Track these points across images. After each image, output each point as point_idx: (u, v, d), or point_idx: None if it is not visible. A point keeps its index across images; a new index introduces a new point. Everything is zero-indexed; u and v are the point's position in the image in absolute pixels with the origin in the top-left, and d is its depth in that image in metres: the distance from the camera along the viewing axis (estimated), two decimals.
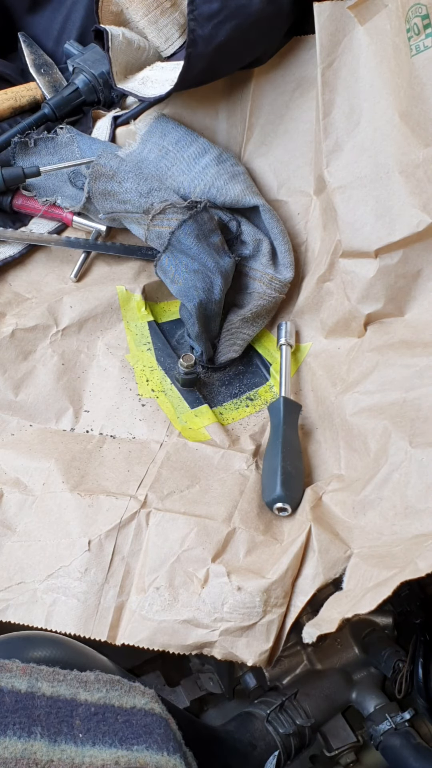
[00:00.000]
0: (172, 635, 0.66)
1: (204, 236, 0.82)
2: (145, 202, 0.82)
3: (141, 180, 0.82)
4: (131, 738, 0.54)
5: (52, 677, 0.55)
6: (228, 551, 0.70)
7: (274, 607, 0.66)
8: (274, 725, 0.70)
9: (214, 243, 0.83)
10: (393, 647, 0.73)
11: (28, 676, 0.54)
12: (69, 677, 0.56)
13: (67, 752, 0.52)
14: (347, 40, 0.75)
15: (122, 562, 0.69)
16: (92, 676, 0.57)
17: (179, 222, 0.81)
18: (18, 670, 0.54)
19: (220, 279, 0.82)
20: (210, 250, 0.82)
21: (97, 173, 0.83)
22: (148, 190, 0.82)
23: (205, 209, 0.81)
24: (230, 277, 0.84)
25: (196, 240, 0.82)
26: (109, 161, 0.83)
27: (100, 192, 0.84)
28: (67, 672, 0.56)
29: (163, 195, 0.82)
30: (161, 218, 0.82)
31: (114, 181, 0.82)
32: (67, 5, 1.02)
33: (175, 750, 0.55)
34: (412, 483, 0.67)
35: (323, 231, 0.86)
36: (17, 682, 0.53)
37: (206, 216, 0.82)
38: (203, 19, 0.76)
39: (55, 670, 0.56)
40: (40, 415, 0.81)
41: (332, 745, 0.72)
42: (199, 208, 0.81)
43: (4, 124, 0.93)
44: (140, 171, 0.83)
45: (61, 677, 0.55)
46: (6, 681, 0.53)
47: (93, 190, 0.84)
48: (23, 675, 0.54)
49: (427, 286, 0.76)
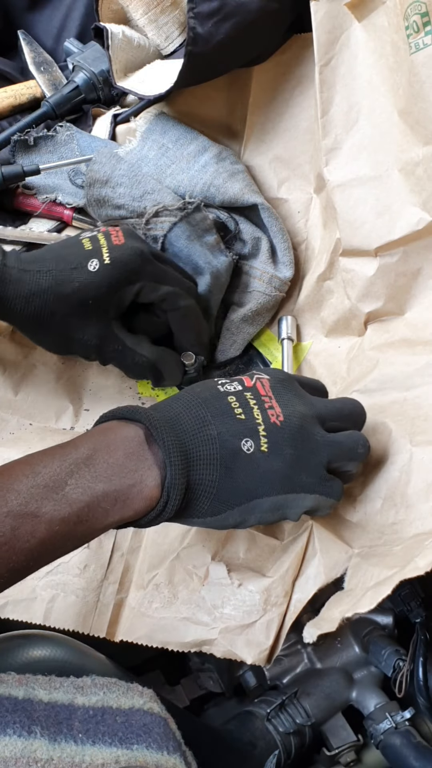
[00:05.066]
0: (171, 632, 0.66)
1: (197, 237, 0.82)
2: (139, 206, 0.82)
3: (134, 184, 0.82)
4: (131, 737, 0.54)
5: (48, 685, 0.55)
6: (228, 549, 0.70)
7: (274, 606, 0.66)
8: (274, 724, 0.70)
9: (209, 242, 0.83)
10: (393, 646, 0.72)
11: (24, 686, 0.54)
12: (65, 684, 0.56)
13: (67, 751, 0.52)
14: (345, 37, 0.75)
15: (122, 558, 0.69)
16: (88, 680, 0.57)
17: (170, 225, 0.81)
18: (14, 681, 0.54)
19: (209, 278, 0.82)
20: (204, 249, 0.82)
21: (91, 179, 0.83)
22: (141, 193, 0.82)
23: (197, 209, 0.81)
24: (224, 275, 0.84)
25: (187, 242, 0.82)
26: (102, 167, 0.82)
27: (95, 199, 0.84)
28: (63, 679, 0.57)
29: (156, 198, 0.82)
30: (155, 222, 0.82)
31: (108, 187, 0.82)
32: (67, 3, 1.02)
33: (175, 749, 0.55)
34: (412, 482, 0.67)
35: (323, 229, 0.86)
36: (14, 691, 0.53)
37: (199, 216, 0.82)
38: (203, 17, 0.76)
39: (51, 678, 0.56)
40: (39, 414, 0.81)
41: (332, 744, 0.72)
42: (190, 209, 0.81)
43: (4, 122, 0.93)
44: (134, 174, 0.83)
45: (57, 684, 0.56)
46: (2, 690, 0.53)
47: (89, 198, 0.84)
48: (19, 685, 0.54)
49: (428, 284, 0.76)
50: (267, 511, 0.58)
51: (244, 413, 0.57)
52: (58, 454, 0.54)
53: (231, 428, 0.57)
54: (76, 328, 0.74)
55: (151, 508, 0.54)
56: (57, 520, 0.51)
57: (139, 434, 0.55)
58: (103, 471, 0.53)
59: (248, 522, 0.59)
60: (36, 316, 0.72)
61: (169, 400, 0.59)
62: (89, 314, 0.73)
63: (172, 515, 0.56)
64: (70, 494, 0.51)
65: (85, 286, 0.72)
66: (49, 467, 0.52)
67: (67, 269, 0.72)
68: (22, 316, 0.72)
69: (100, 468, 0.53)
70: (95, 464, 0.53)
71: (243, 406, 0.58)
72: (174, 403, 0.59)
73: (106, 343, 0.75)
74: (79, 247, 0.74)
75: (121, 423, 0.57)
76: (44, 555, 0.52)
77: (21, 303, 0.71)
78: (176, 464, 0.54)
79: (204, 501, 0.56)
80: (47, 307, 0.72)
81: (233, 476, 0.56)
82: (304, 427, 0.59)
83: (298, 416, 0.59)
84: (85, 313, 0.73)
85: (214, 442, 0.56)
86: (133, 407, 0.58)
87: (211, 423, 0.56)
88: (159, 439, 0.55)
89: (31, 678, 0.55)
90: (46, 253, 0.75)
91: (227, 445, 0.56)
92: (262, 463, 0.57)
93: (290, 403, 0.59)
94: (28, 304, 0.71)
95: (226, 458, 0.56)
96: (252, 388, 0.59)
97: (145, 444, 0.55)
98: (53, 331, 0.74)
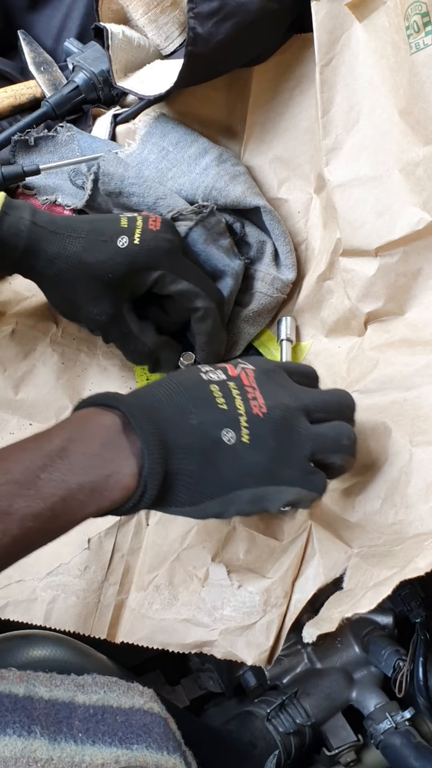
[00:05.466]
0: (171, 634, 0.66)
1: (213, 240, 0.82)
2: (154, 213, 0.82)
3: (145, 191, 0.82)
4: (131, 737, 0.54)
5: (48, 682, 0.55)
6: (228, 550, 0.70)
7: (274, 607, 0.66)
8: (274, 724, 0.70)
9: (224, 246, 0.83)
10: (393, 646, 0.73)
11: (25, 683, 0.54)
12: (66, 681, 0.56)
13: (67, 751, 0.52)
14: (345, 37, 0.75)
15: (122, 559, 0.69)
16: (89, 679, 0.57)
17: (187, 229, 0.81)
18: (14, 677, 0.54)
19: (231, 281, 0.83)
20: (220, 253, 0.82)
21: (106, 192, 0.83)
22: (154, 200, 0.82)
23: (212, 213, 0.81)
24: (240, 278, 0.84)
25: (204, 245, 0.82)
26: (111, 179, 0.82)
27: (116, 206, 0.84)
28: (64, 677, 0.56)
29: (169, 203, 0.82)
30: None
31: (123, 197, 0.83)
32: (67, 3, 1.02)
33: (175, 749, 0.55)
34: (412, 482, 0.67)
35: (323, 229, 0.86)
36: (14, 688, 0.53)
37: (214, 220, 0.82)
38: (203, 17, 0.76)
39: (52, 675, 0.56)
40: (39, 413, 0.81)
41: (332, 744, 0.72)
42: (205, 212, 0.81)
43: (4, 122, 0.93)
44: (144, 181, 0.83)
45: (58, 682, 0.56)
46: (3, 687, 0.53)
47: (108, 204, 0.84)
48: (20, 681, 0.54)
49: (428, 284, 0.76)
50: (247, 502, 0.57)
51: (226, 403, 0.56)
52: (32, 447, 0.52)
53: (212, 418, 0.56)
54: (88, 299, 0.74)
55: (128, 498, 0.53)
56: (30, 516, 0.49)
57: (117, 422, 0.54)
58: (79, 462, 0.52)
59: (228, 513, 0.58)
60: (56, 277, 0.73)
61: (149, 387, 0.58)
62: (104, 289, 0.74)
63: (151, 504, 0.55)
64: (43, 489, 0.50)
65: (108, 258, 0.73)
66: (21, 462, 0.51)
67: (98, 240, 0.73)
68: (42, 274, 0.74)
69: (75, 459, 0.52)
70: (70, 456, 0.52)
71: (225, 396, 0.57)
72: (155, 389, 0.58)
73: (113, 322, 0.76)
74: (116, 222, 0.75)
75: (98, 410, 0.55)
76: (19, 551, 0.51)
77: (44, 262, 0.72)
78: (154, 453, 0.53)
79: (182, 491, 0.55)
80: (69, 272, 0.73)
81: (213, 467, 0.55)
82: (287, 419, 0.58)
83: (281, 408, 0.58)
84: (101, 287, 0.74)
85: (195, 432, 0.55)
86: (112, 394, 0.57)
87: (192, 412, 0.56)
88: (137, 428, 0.53)
89: (32, 675, 0.55)
90: (81, 221, 0.76)
91: (208, 435, 0.55)
92: (243, 455, 0.56)
93: (274, 394, 0.59)
94: (51, 264, 0.72)
95: (207, 448, 0.55)
96: (236, 378, 0.59)
97: (122, 432, 0.54)
98: (68, 296, 0.75)
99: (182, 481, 0.55)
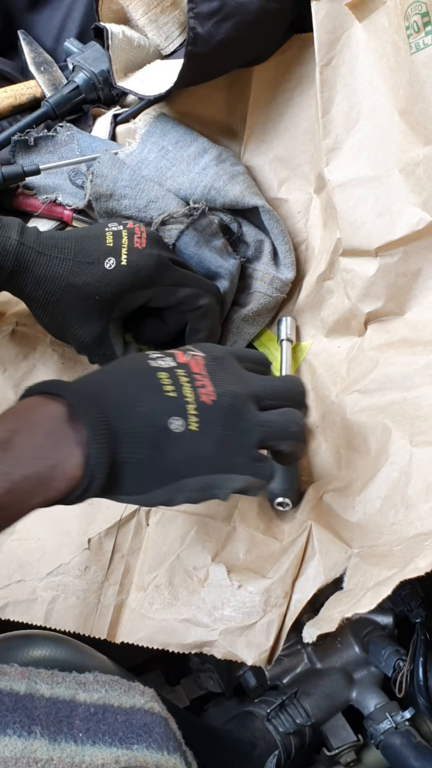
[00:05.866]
0: (171, 634, 0.66)
1: (205, 242, 0.82)
2: (145, 216, 0.82)
3: (138, 194, 0.82)
4: (131, 737, 0.54)
5: (50, 679, 0.55)
6: (228, 550, 0.70)
7: (274, 607, 0.66)
8: (274, 724, 0.70)
9: (217, 246, 0.83)
10: (393, 646, 0.73)
11: (27, 679, 0.54)
12: (67, 679, 0.56)
13: (67, 751, 0.52)
14: (345, 37, 0.75)
15: (122, 560, 0.69)
16: (91, 677, 0.57)
17: (178, 232, 0.81)
18: (16, 673, 0.54)
19: (226, 281, 0.83)
20: (213, 254, 0.82)
21: (96, 194, 0.83)
22: (145, 203, 0.82)
23: (203, 214, 0.81)
24: (236, 278, 0.84)
25: (196, 248, 0.82)
26: (104, 180, 0.82)
27: (104, 212, 0.84)
28: (65, 674, 0.56)
29: (161, 206, 0.82)
30: (162, 230, 0.82)
31: (113, 200, 0.83)
32: (67, 3, 1.01)
33: (175, 749, 0.55)
34: (412, 482, 0.67)
35: (323, 229, 0.86)
36: (15, 685, 0.53)
37: (205, 221, 0.82)
38: (203, 17, 0.76)
39: (54, 673, 0.56)
40: None
41: (332, 744, 0.72)
42: (195, 214, 0.81)
43: (4, 122, 0.93)
44: (137, 184, 0.82)
45: (60, 679, 0.56)
46: (4, 684, 0.53)
47: (98, 212, 0.84)
48: (21, 678, 0.54)
49: (428, 284, 0.76)
50: (195, 490, 0.57)
51: (174, 390, 0.56)
52: None
53: (160, 406, 0.55)
54: (75, 320, 0.74)
55: (75, 487, 0.52)
56: None
57: (62, 411, 0.53)
58: (23, 453, 0.51)
59: (176, 501, 0.58)
60: (43, 298, 0.73)
61: (96, 374, 0.58)
62: (92, 310, 0.74)
63: (98, 493, 0.54)
64: None
65: (96, 281, 0.72)
66: None
67: (85, 262, 0.73)
68: (29, 295, 0.73)
69: (20, 450, 0.51)
70: (14, 447, 0.51)
71: (174, 383, 0.56)
72: (101, 376, 0.57)
73: (96, 344, 0.76)
74: (102, 241, 0.75)
75: (44, 399, 0.55)
76: None
77: (31, 283, 0.72)
78: (101, 443, 0.52)
79: (130, 480, 0.55)
80: (55, 294, 0.72)
81: (161, 455, 0.55)
82: (235, 407, 0.57)
83: (230, 395, 0.57)
84: (88, 308, 0.73)
85: (142, 420, 0.54)
86: (57, 381, 0.56)
87: (140, 399, 0.55)
88: (83, 416, 0.53)
89: (33, 671, 0.55)
90: (68, 239, 0.75)
91: (155, 423, 0.54)
92: (191, 443, 0.55)
93: (223, 382, 0.58)
94: (38, 285, 0.72)
95: (154, 436, 0.54)
96: (185, 365, 0.58)
97: (68, 421, 0.53)
98: (55, 316, 0.74)
99: (130, 469, 0.54)
